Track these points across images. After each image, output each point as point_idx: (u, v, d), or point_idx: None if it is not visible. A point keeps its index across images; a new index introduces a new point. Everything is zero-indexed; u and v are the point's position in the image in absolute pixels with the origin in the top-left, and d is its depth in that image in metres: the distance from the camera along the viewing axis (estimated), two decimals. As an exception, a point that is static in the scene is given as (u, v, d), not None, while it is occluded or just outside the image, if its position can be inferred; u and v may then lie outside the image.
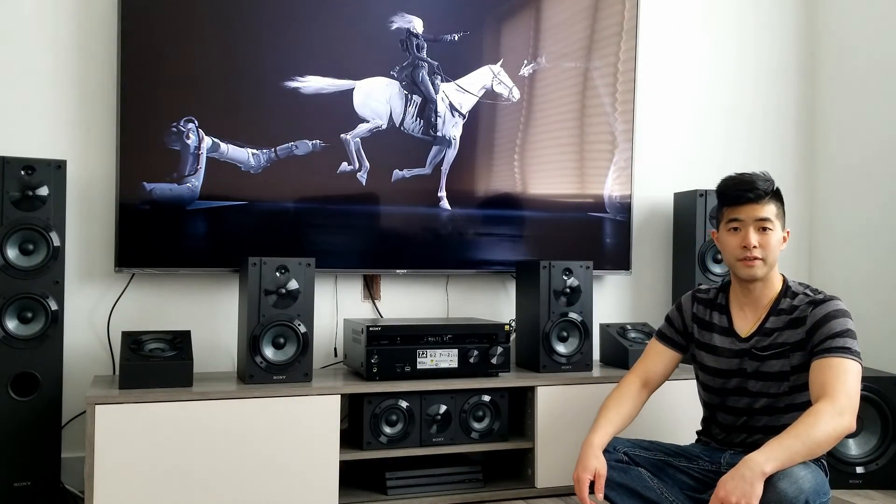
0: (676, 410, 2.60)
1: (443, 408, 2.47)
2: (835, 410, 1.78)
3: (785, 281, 2.10)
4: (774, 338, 2.03)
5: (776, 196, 2.06)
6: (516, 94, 2.94)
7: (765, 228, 2.02)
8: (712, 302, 2.19)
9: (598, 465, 1.96)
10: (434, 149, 2.84)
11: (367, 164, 2.75)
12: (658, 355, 2.23)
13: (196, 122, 2.56)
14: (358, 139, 2.74)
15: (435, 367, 2.50)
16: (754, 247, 2.01)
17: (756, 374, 2.05)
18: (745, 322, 2.10)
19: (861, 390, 2.56)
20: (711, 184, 3.23)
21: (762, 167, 3.34)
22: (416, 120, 2.81)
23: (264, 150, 2.63)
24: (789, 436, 1.75)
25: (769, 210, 2.02)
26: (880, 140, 3.17)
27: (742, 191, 2.02)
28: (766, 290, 2.08)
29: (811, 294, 2.04)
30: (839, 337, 1.91)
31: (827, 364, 1.88)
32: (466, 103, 2.88)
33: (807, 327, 1.98)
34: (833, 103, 3.41)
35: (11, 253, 2.22)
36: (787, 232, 2.09)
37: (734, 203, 2.04)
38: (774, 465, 1.71)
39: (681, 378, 2.55)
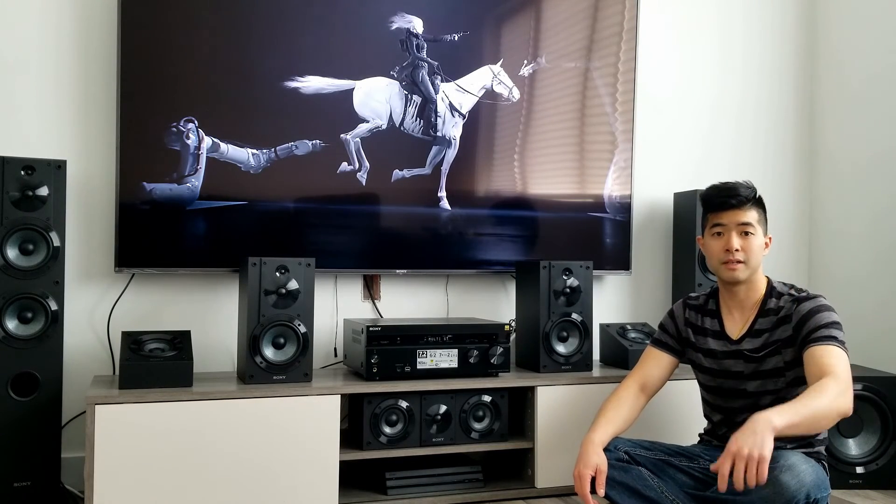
0: (678, 411, 2.60)
1: (443, 408, 2.47)
2: (839, 388, 1.82)
3: (769, 282, 2.16)
4: (766, 338, 2.08)
5: (758, 203, 2.13)
6: (516, 94, 2.94)
7: (747, 233, 2.09)
8: (703, 307, 2.25)
9: (598, 461, 1.99)
10: (434, 149, 2.84)
11: (367, 164, 2.75)
12: (655, 360, 2.26)
13: (196, 122, 2.56)
14: (358, 139, 2.74)
15: (435, 367, 2.50)
16: (736, 250, 2.08)
17: (753, 374, 2.10)
18: (734, 324, 2.16)
19: (861, 390, 2.60)
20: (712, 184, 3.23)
21: (762, 167, 3.38)
22: (416, 120, 2.81)
23: (264, 150, 2.63)
24: (799, 400, 1.79)
25: (751, 216, 2.10)
26: (879, 141, 3.17)
27: (725, 197, 2.10)
28: (751, 293, 2.14)
29: (795, 293, 2.10)
30: (826, 328, 1.97)
31: (822, 351, 1.93)
32: (466, 103, 2.88)
33: (793, 323, 2.04)
34: (833, 103, 3.41)
35: (11, 253, 2.22)
36: (770, 238, 2.16)
37: (717, 209, 2.12)
38: (783, 420, 1.72)
39: (682, 378, 2.55)
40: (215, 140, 2.58)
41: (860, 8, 3.29)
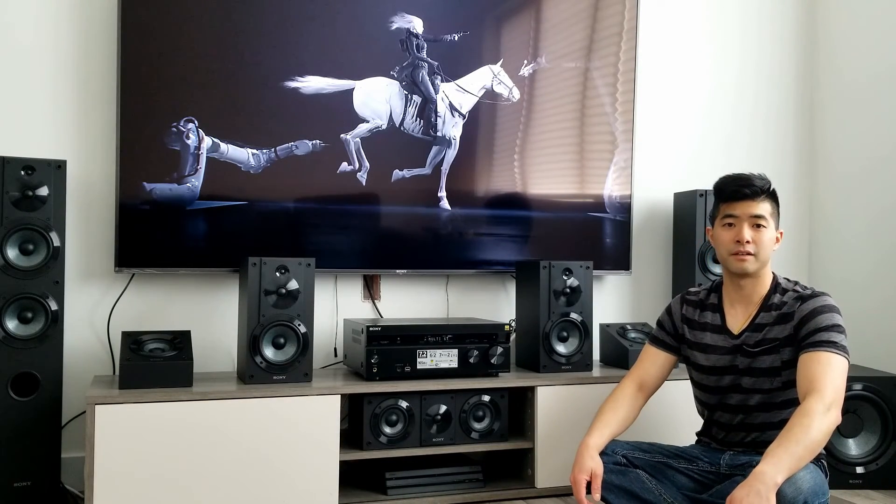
0: (676, 412, 2.60)
1: (443, 408, 2.47)
2: (823, 407, 1.79)
3: (775, 277, 2.12)
4: (765, 333, 2.05)
5: (772, 196, 2.09)
6: (516, 94, 2.94)
7: (759, 225, 2.05)
8: (703, 302, 2.21)
9: (593, 465, 1.97)
10: (434, 149, 2.84)
11: (367, 164, 2.75)
12: (652, 359, 2.25)
13: (196, 122, 2.56)
14: (358, 139, 2.74)
15: (435, 367, 2.50)
16: (747, 242, 2.04)
17: (748, 370, 2.07)
18: (736, 319, 2.13)
19: (861, 390, 2.60)
20: (711, 184, 3.25)
21: (762, 167, 3.37)
22: (416, 120, 2.81)
23: (264, 150, 2.63)
24: (790, 441, 1.74)
25: (764, 208, 2.06)
26: (879, 142, 3.17)
27: (739, 187, 2.06)
28: (758, 287, 2.10)
29: (800, 290, 2.06)
30: (825, 331, 1.93)
31: (814, 358, 1.89)
32: (466, 103, 2.88)
33: (794, 322, 2.00)
34: (833, 103, 3.41)
35: (11, 253, 2.22)
36: (781, 233, 2.12)
37: (730, 199, 2.08)
38: (785, 474, 1.70)
39: (680, 378, 2.54)
40: (215, 140, 2.58)
41: (860, 8, 3.29)
